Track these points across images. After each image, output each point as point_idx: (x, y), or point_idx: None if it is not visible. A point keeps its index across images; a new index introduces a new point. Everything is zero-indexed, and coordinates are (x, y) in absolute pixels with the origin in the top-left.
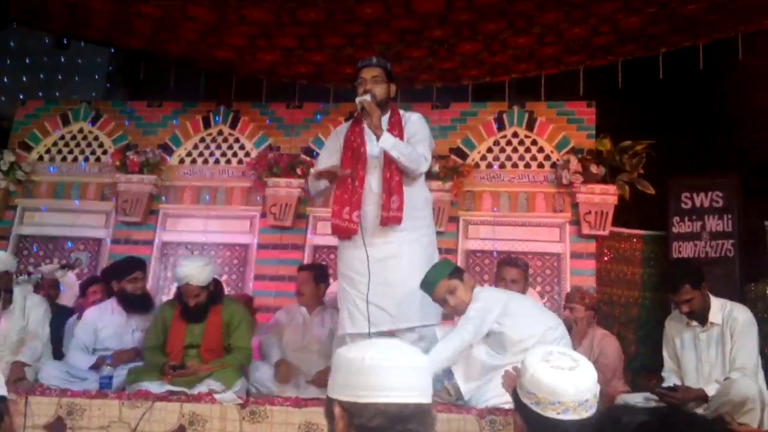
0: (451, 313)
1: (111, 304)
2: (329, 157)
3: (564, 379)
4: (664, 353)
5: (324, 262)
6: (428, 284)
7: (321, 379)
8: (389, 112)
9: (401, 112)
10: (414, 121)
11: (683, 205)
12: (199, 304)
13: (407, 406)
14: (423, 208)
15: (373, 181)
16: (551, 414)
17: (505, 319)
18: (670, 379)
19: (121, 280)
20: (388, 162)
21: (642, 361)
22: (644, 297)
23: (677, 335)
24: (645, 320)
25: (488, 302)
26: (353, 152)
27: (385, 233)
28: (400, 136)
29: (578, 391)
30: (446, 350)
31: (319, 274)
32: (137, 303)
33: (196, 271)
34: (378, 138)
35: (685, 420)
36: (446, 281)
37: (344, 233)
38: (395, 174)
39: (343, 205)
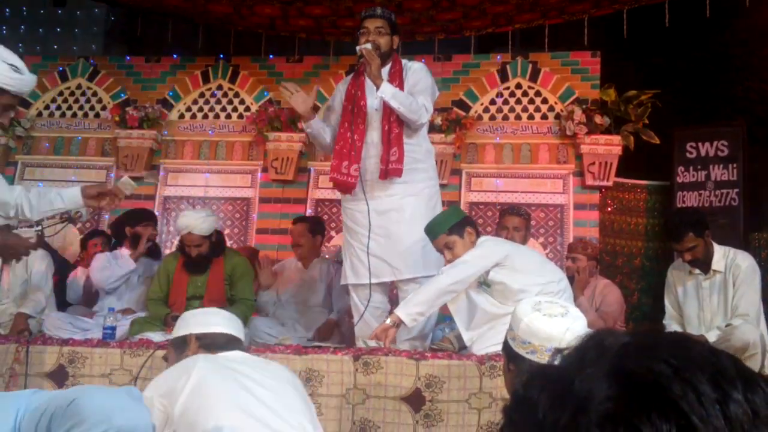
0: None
1: (120, 251)
2: (326, 111)
3: (558, 325)
4: (666, 301)
5: (325, 216)
6: (429, 232)
7: (323, 333)
8: (390, 63)
9: (404, 62)
10: (416, 70)
11: (688, 155)
12: (201, 255)
13: None
14: (425, 161)
15: (374, 134)
16: (548, 360)
17: (507, 270)
18: (671, 327)
19: (135, 225)
20: (388, 114)
21: (644, 311)
22: (647, 247)
23: (679, 283)
24: (648, 270)
25: (488, 250)
26: (353, 105)
27: (387, 186)
28: (400, 86)
29: (573, 335)
30: (424, 293)
31: (314, 226)
32: (149, 248)
33: (197, 221)
34: (377, 88)
35: (668, 340)
36: (445, 236)
37: (343, 187)
38: (394, 126)
39: (342, 159)
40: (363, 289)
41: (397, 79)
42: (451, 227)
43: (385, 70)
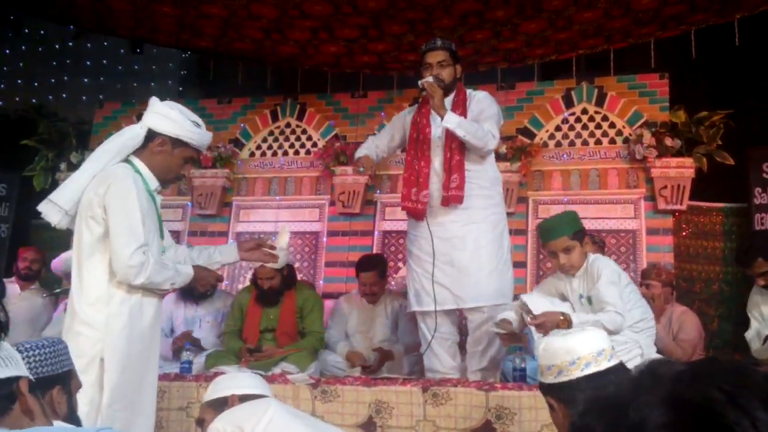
0: (557, 268)
1: (179, 294)
2: (388, 133)
3: (572, 338)
4: (750, 316)
5: (392, 247)
6: (547, 232)
7: (374, 367)
8: (455, 92)
9: (467, 91)
10: (480, 99)
11: (765, 175)
12: (273, 288)
13: None
14: (490, 188)
15: (437, 162)
16: (577, 374)
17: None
18: (754, 342)
19: None
20: (450, 142)
21: (725, 338)
22: (726, 272)
23: (763, 304)
24: (727, 296)
25: (623, 276)
26: (418, 133)
27: (452, 212)
28: (464, 114)
29: (590, 342)
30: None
31: (383, 269)
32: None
33: None
34: (442, 118)
35: (723, 367)
36: (567, 239)
37: (415, 214)
38: (456, 153)
39: (411, 186)
40: (430, 317)
41: (461, 107)
42: (575, 232)
43: (449, 100)
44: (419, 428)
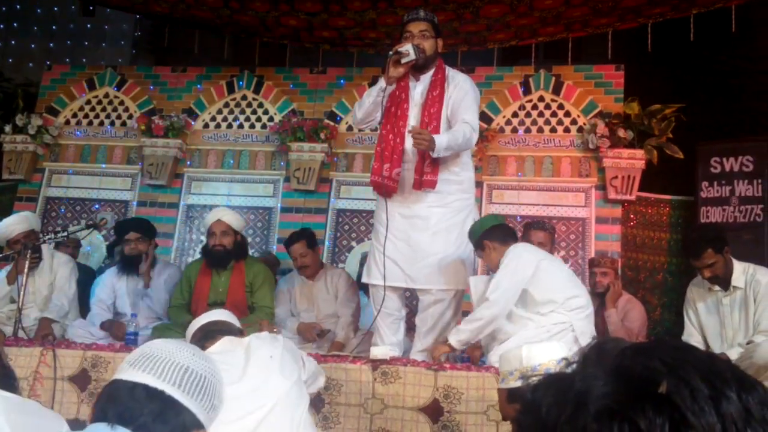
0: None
1: (120, 267)
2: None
3: (536, 345)
4: (685, 318)
5: (346, 226)
6: (469, 234)
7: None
8: (434, 69)
9: (448, 70)
10: (461, 82)
11: (712, 170)
12: (224, 248)
13: None
14: (459, 173)
15: (410, 141)
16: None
17: (532, 279)
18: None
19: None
20: (426, 124)
21: (666, 326)
22: (671, 263)
23: (700, 300)
24: (671, 286)
25: (520, 267)
26: (397, 107)
27: (418, 193)
28: (441, 95)
29: (554, 349)
30: (473, 324)
31: (311, 239)
32: (130, 263)
33: (228, 211)
34: (433, 151)
35: (667, 344)
36: (482, 240)
37: (383, 190)
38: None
39: (384, 161)
40: (378, 291)
41: (439, 87)
42: (484, 233)
43: (427, 76)
44: (367, 406)
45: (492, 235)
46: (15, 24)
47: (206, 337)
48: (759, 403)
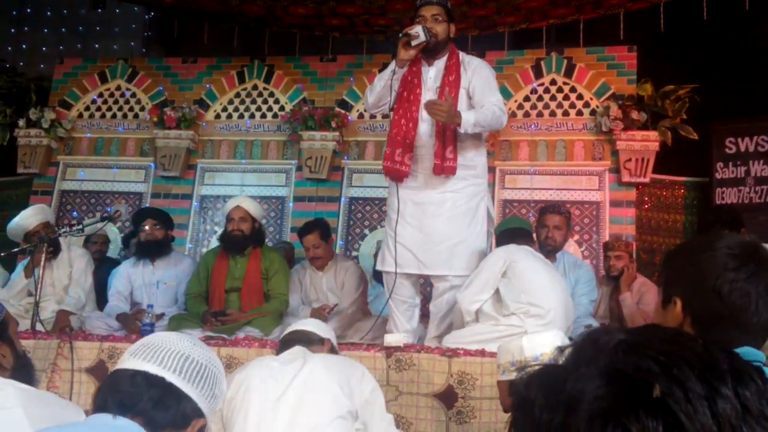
0: None
1: (136, 256)
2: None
3: (537, 335)
4: None
5: (359, 214)
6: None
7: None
8: (447, 54)
9: (461, 55)
10: (477, 67)
11: (727, 150)
12: (243, 234)
13: None
14: (473, 158)
15: (425, 125)
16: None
17: (503, 279)
18: None
19: (135, 230)
20: None
21: None
22: None
23: None
24: None
25: (491, 259)
26: (409, 92)
27: (430, 178)
28: (457, 80)
29: (555, 339)
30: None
31: (323, 231)
32: (146, 250)
33: (247, 200)
34: (459, 126)
35: (661, 337)
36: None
37: (396, 175)
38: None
39: (396, 146)
40: (390, 277)
41: (454, 73)
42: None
43: (442, 62)
44: (382, 393)
45: (499, 241)
46: (27, 19)
47: (284, 346)
48: (755, 396)
